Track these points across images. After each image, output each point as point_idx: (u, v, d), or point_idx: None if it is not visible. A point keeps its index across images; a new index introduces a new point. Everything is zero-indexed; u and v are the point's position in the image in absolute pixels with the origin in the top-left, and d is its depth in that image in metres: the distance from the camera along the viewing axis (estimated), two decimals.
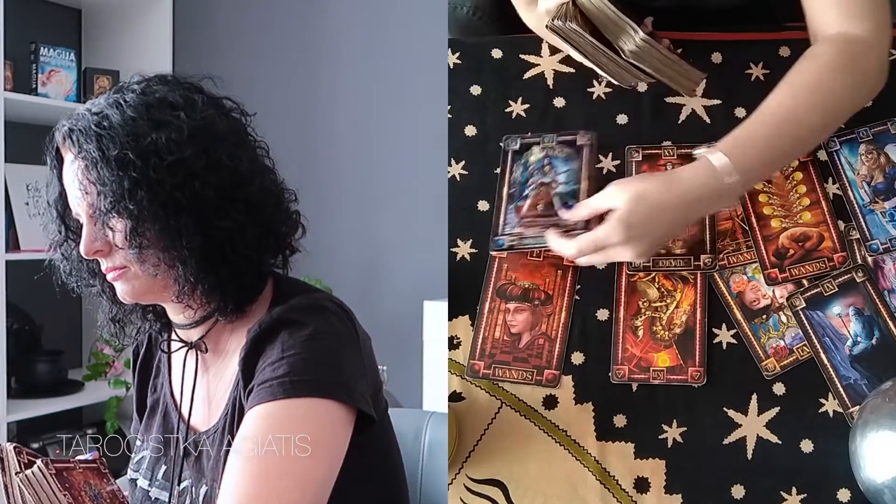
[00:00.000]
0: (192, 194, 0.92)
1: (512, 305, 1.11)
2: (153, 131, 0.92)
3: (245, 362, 0.92)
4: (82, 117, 0.95)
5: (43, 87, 2.46)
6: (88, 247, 0.95)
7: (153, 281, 0.96)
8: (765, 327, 1.08)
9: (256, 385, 0.89)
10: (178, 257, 0.93)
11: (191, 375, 1.03)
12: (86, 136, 0.93)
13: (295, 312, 0.92)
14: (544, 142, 1.19)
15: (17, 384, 2.42)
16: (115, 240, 0.94)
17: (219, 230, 0.93)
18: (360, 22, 2.58)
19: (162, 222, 0.92)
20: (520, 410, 1.05)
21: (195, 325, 1.01)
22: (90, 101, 0.99)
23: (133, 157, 0.91)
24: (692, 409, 1.04)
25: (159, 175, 0.91)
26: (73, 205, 0.98)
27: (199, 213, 0.92)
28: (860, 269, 1.11)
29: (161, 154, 0.91)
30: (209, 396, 1.01)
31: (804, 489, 1.00)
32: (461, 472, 1.02)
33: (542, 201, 1.13)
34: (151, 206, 0.91)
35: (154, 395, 1.10)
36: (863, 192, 1.16)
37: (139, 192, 0.91)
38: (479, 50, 1.29)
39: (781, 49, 1.26)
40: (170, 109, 0.95)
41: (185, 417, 1.02)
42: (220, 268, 0.94)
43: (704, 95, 1.23)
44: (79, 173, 0.94)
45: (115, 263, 0.96)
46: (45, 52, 2.47)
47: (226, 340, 1.01)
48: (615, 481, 1.01)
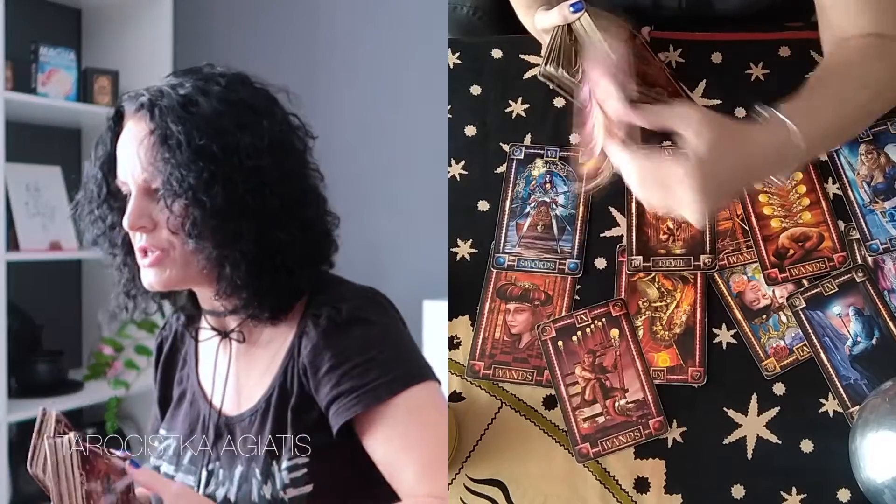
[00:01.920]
0: (260, 201, 0.95)
1: (512, 306, 1.11)
2: (237, 131, 0.94)
3: (314, 353, 0.95)
4: (165, 94, 0.96)
5: (43, 87, 2.46)
6: (134, 220, 0.95)
7: (188, 271, 0.97)
8: (765, 327, 1.08)
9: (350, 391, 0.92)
10: (228, 258, 0.94)
11: (224, 362, 1.04)
12: (170, 115, 0.94)
13: (361, 311, 0.97)
14: (547, 155, 1.19)
15: (17, 384, 2.42)
16: (169, 222, 0.94)
17: (274, 241, 0.96)
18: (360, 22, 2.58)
19: (226, 221, 0.93)
20: (520, 410, 1.05)
21: (229, 314, 1.02)
22: (166, 77, 1.00)
23: (217, 151, 0.93)
24: (692, 409, 1.04)
25: (237, 176, 0.93)
26: (122, 172, 0.98)
27: (261, 220, 0.95)
28: (860, 269, 1.11)
29: (242, 156, 0.94)
30: (238, 384, 1.03)
31: (804, 489, 1.00)
32: (461, 472, 1.02)
33: (542, 222, 1.15)
34: (223, 203, 0.92)
35: (181, 386, 1.11)
36: (863, 192, 1.16)
37: (216, 187, 0.92)
38: (479, 50, 1.29)
39: (781, 49, 1.26)
40: (252, 113, 0.97)
41: (217, 403, 1.03)
42: (265, 277, 0.96)
43: (704, 95, 1.23)
44: (148, 146, 0.94)
45: (156, 243, 0.96)
46: (45, 51, 2.47)
47: (261, 331, 1.02)
48: (615, 481, 1.01)
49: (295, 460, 0.94)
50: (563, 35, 1.07)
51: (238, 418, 1.01)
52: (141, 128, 0.96)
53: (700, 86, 1.23)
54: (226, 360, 1.05)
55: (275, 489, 0.94)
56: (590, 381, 1.06)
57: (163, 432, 1.09)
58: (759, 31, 1.27)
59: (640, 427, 1.03)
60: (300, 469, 0.94)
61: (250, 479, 0.96)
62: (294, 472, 0.94)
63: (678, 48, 1.26)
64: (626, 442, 1.02)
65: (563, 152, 1.20)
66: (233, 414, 1.02)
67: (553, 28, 1.08)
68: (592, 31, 1.07)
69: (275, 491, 0.94)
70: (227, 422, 1.02)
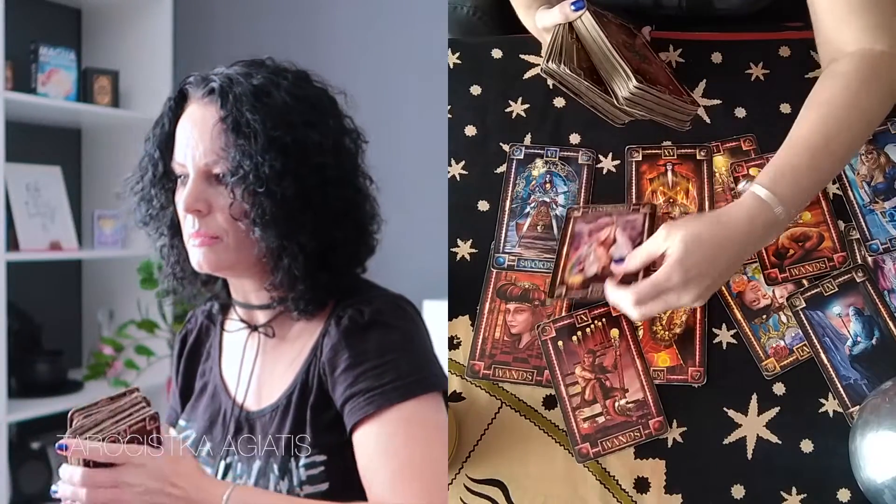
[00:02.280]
0: (322, 198, 0.97)
1: (512, 306, 1.11)
2: (307, 128, 0.97)
3: (332, 352, 0.96)
4: (235, 81, 0.97)
5: (43, 87, 2.46)
6: (191, 203, 0.96)
7: (240, 257, 0.98)
8: (765, 327, 1.08)
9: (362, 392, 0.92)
10: (288, 249, 0.96)
11: (250, 356, 1.05)
12: (244, 103, 0.94)
13: (383, 315, 0.98)
14: (547, 155, 1.19)
15: (17, 384, 2.42)
16: (232, 208, 0.95)
17: (331, 239, 0.98)
18: (360, 22, 2.58)
19: (292, 213, 0.95)
20: (520, 410, 1.05)
21: (264, 308, 1.03)
22: (233, 66, 1.00)
23: (289, 143, 0.94)
24: (692, 409, 1.04)
25: (304, 170, 0.95)
26: (181, 154, 0.98)
27: (322, 217, 0.97)
28: (860, 269, 1.11)
29: (310, 152, 0.96)
30: (261, 379, 1.04)
31: (804, 489, 1.00)
32: (461, 472, 1.02)
33: (542, 222, 1.15)
34: (292, 195, 0.94)
35: (203, 379, 1.12)
36: (863, 192, 1.16)
37: (287, 178, 0.94)
38: (479, 50, 1.29)
39: (781, 49, 1.26)
40: (318, 111, 1.00)
41: (239, 397, 1.04)
42: (320, 272, 0.98)
43: (704, 95, 1.23)
44: (217, 132, 0.95)
45: (210, 228, 0.96)
46: (45, 51, 2.47)
47: (289, 327, 1.04)
48: (615, 481, 1.01)
49: (312, 458, 0.95)
50: (565, 33, 1.08)
51: (259, 413, 1.02)
52: (209, 112, 0.96)
53: (700, 86, 1.23)
54: (252, 354, 1.06)
55: (291, 485, 0.95)
56: (590, 381, 1.06)
57: (182, 423, 1.10)
58: (759, 31, 1.27)
59: (640, 427, 1.03)
60: (317, 467, 0.95)
61: (268, 475, 0.97)
62: (311, 470, 0.95)
63: (678, 48, 1.26)
64: (626, 442, 1.02)
65: (563, 152, 1.20)
66: (254, 409, 1.03)
67: (554, 26, 1.08)
68: (594, 30, 1.07)
69: (291, 487, 0.95)
70: (248, 416, 1.03)
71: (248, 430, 1.02)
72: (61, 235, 2.54)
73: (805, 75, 1.24)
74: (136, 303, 2.52)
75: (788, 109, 1.22)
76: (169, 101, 1.01)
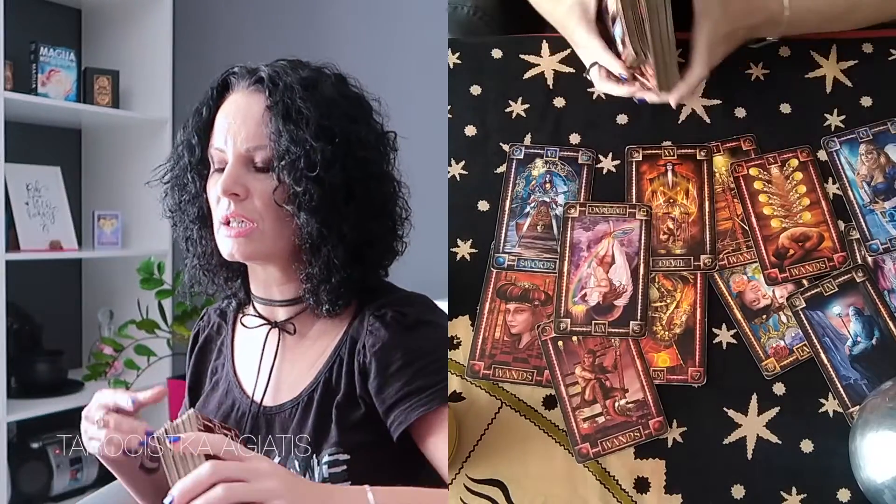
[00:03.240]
0: (364, 191, 0.98)
1: (512, 306, 1.11)
2: (352, 122, 0.99)
3: (385, 349, 0.96)
4: (284, 73, 0.98)
5: (43, 87, 2.46)
6: (229, 185, 0.95)
7: (276, 245, 0.98)
8: (765, 327, 1.08)
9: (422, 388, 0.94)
10: (328, 239, 0.96)
11: (270, 352, 1.05)
12: (295, 91, 0.96)
13: (428, 314, 1.01)
14: (547, 155, 1.20)
15: (17, 384, 2.42)
16: (276, 193, 0.95)
17: (368, 232, 0.99)
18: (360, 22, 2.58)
19: (337, 202, 0.96)
20: (520, 410, 1.05)
21: (286, 305, 1.03)
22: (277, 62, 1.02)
23: (338, 133, 0.96)
24: (692, 409, 1.04)
25: (350, 162, 0.97)
26: (220, 140, 0.98)
27: (362, 210, 0.98)
28: (860, 269, 1.11)
29: (355, 145, 0.98)
30: (281, 376, 1.04)
31: (804, 489, 1.00)
32: (461, 472, 1.02)
33: (542, 222, 1.15)
34: (339, 184, 0.95)
35: (215, 376, 1.12)
36: (863, 192, 1.16)
37: (335, 167, 0.95)
38: (479, 50, 1.29)
39: (781, 49, 1.26)
40: (362, 109, 1.03)
41: (256, 394, 1.04)
42: (355, 266, 0.99)
43: (704, 95, 1.23)
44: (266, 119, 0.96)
45: (247, 213, 0.96)
46: (45, 51, 2.47)
47: (310, 325, 1.04)
48: (615, 481, 1.01)
49: (336, 456, 0.96)
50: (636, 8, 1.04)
51: (277, 409, 1.02)
52: (255, 101, 0.98)
53: (700, 86, 1.23)
54: (272, 350, 1.05)
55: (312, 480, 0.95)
56: (590, 381, 1.06)
57: None
58: None
59: (640, 427, 1.03)
60: (340, 465, 0.96)
61: (288, 469, 0.96)
62: (334, 468, 0.95)
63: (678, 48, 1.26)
64: (626, 442, 1.02)
65: (563, 152, 1.20)
66: (271, 405, 1.03)
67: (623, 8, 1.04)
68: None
69: None
70: (265, 412, 1.03)
71: (265, 426, 1.02)
72: (61, 235, 2.54)
73: (805, 75, 1.24)
74: (136, 303, 2.52)
75: (788, 109, 1.22)
76: (211, 90, 1.02)
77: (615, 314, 1.09)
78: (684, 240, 1.14)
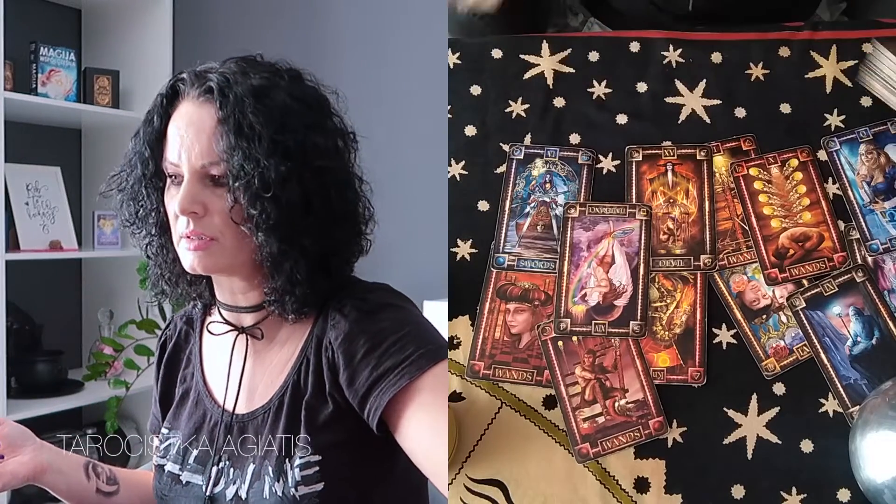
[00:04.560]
0: (324, 202, 0.96)
1: (512, 306, 1.11)
2: (308, 130, 0.95)
3: (349, 339, 0.94)
4: (233, 81, 0.94)
5: (43, 87, 2.46)
6: (186, 205, 0.93)
7: (236, 259, 0.96)
8: (765, 327, 1.08)
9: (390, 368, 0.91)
10: (289, 255, 0.94)
11: (238, 359, 1.04)
12: (246, 104, 0.92)
13: (387, 297, 0.99)
14: (547, 155, 1.20)
15: (17, 384, 2.42)
16: (233, 212, 0.93)
17: (331, 241, 0.97)
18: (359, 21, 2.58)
19: (295, 217, 0.93)
20: (520, 410, 1.05)
21: (252, 311, 1.02)
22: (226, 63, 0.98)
23: (292, 147, 0.93)
24: (692, 409, 1.04)
25: (306, 174, 0.94)
26: (173, 154, 0.95)
27: (323, 221, 0.96)
28: (860, 269, 1.11)
29: (311, 155, 0.94)
30: (252, 382, 1.03)
31: (804, 489, 1.00)
32: (461, 472, 1.02)
33: (542, 222, 1.15)
34: (296, 200, 0.93)
35: (184, 385, 1.10)
36: (863, 192, 1.16)
37: (291, 183, 0.92)
38: (479, 50, 1.29)
39: (781, 49, 1.26)
40: (317, 113, 0.99)
41: (227, 401, 1.03)
42: (319, 275, 0.97)
43: (704, 95, 1.23)
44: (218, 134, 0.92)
45: (206, 230, 0.94)
46: (45, 52, 2.47)
47: (277, 329, 1.02)
48: (615, 481, 1.01)
49: (307, 458, 0.94)
50: None
51: (250, 416, 1.01)
52: (206, 113, 0.94)
53: (700, 86, 1.23)
54: (240, 356, 1.04)
55: (286, 486, 0.94)
56: (590, 381, 1.05)
57: (165, 431, 1.09)
58: (759, 31, 1.27)
59: (640, 427, 1.03)
60: (312, 467, 0.94)
61: (262, 477, 0.96)
62: (306, 470, 0.94)
63: (678, 48, 1.26)
64: (626, 442, 1.02)
65: (563, 152, 1.20)
66: (244, 412, 1.02)
67: None
68: None
69: (286, 488, 0.94)
70: (239, 420, 1.01)
71: (239, 434, 1.01)
72: (61, 235, 2.54)
73: (805, 75, 1.24)
74: (136, 303, 2.51)
75: (788, 109, 1.22)
76: (160, 97, 0.99)
77: (615, 314, 1.09)
78: (684, 240, 1.14)
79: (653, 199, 1.16)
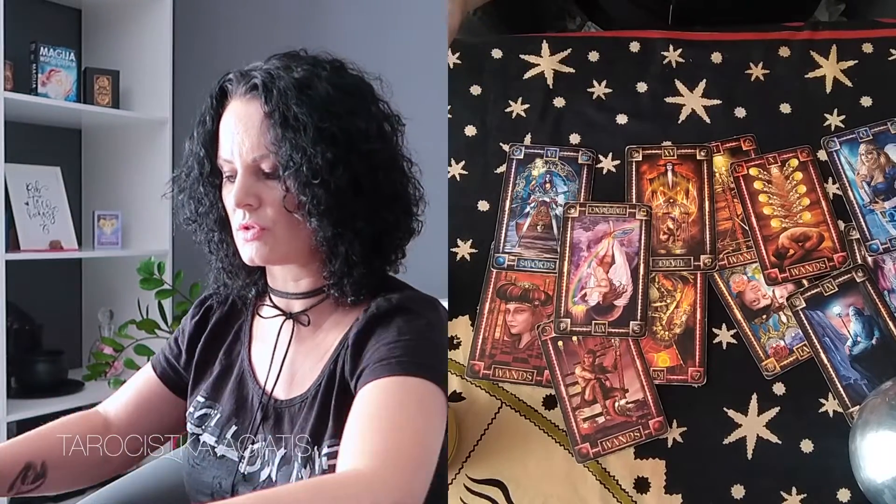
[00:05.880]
0: (373, 183, 0.99)
1: (512, 306, 1.11)
2: (352, 116, 0.99)
3: (358, 337, 0.97)
4: (276, 76, 0.98)
5: (43, 87, 2.46)
6: (242, 198, 0.97)
7: (291, 247, 0.99)
8: (765, 327, 1.08)
9: (372, 362, 0.93)
10: (344, 237, 0.97)
11: (283, 345, 1.06)
12: (290, 97, 0.96)
13: (412, 303, 0.99)
14: (547, 155, 1.20)
15: (17, 384, 2.42)
16: (286, 201, 0.96)
17: (383, 222, 1.00)
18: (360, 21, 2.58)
19: (346, 201, 0.96)
20: (520, 410, 1.05)
21: (301, 297, 1.04)
22: (270, 60, 1.02)
23: (337, 134, 0.96)
24: (692, 409, 1.04)
25: (353, 158, 0.97)
26: (226, 150, 0.99)
27: (373, 202, 0.99)
28: (860, 269, 1.11)
29: (356, 140, 0.98)
30: (293, 368, 1.04)
31: (804, 489, 1.00)
32: (461, 472, 1.02)
33: (542, 222, 1.15)
34: (345, 184, 0.96)
35: (227, 359, 1.11)
36: (863, 192, 1.16)
37: (339, 168, 0.96)
38: (479, 50, 1.29)
39: (781, 49, 1.26)
40: (360, 99, 1.02)
41: (268, 385, 1.05)
42: (375, 256, 1.00)
43: (704, 95, 1.23)
44: (265, 127, 0.96)
45: (261, 221, 0.98)
46: (45, 52, 2.47)
47: (325, 317, 1.04)
48: (615, 481, 1.01)
49: (335, 447, 0.95)
50: None
51: (288, 403, 1.02)
52: (253, 108, 0.98)
53: (700, 86, 1.23)
54: (285, 341, 1.06)
55: (313, 474, 0.95)
56: (590, 381, 1.06)
57: (201, 399, 1.09)
58: (759, 31, 1.27)
59: (640, 427, 1.03)
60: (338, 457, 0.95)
61: (291, 463, 0.97)
62: (333, 459, 0.94)
63: (678, 48, 1.26)
64: (626, 442, 1.02)
65: (563, 152, 1.20)
66: (283, 398, 1.03)
67: None
68: None
69: (313, 475, 0.95)
70: (276, 406, 1.03)
71: (275, 419, 1.02)
72: (61, 235, 2.54)
73: (805, 75, 1.24)
74: (136, 303, 2.52)
75: (788, 109, 1.22)
76: (209, 98, 1.03)
77: (615, 314, 1.09)
78: (684, 240, 1.14)
79: (653, 199, 1.16)
